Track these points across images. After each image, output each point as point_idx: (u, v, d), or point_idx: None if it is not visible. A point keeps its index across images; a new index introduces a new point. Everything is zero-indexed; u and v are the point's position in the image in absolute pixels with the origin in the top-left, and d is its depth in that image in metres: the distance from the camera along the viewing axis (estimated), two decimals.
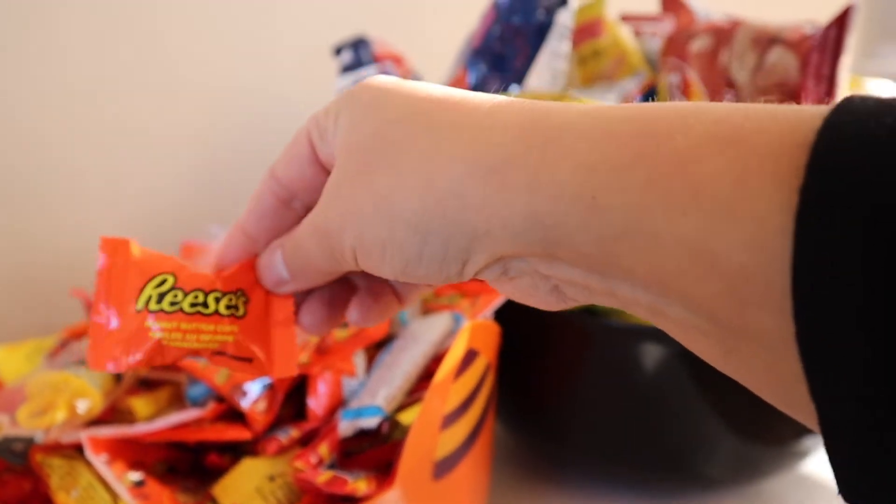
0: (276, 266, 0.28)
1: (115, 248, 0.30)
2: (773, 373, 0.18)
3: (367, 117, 0.24)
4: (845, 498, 0.16)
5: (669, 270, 0.18)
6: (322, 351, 0.43)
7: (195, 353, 0.30)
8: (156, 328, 0.29)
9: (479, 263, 0.22)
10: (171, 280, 0.29)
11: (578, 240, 0.19)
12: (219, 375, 0.42)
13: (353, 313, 0.29)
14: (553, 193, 0.19)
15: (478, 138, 0.21)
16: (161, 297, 0.29)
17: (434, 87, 0.24)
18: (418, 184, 0.22)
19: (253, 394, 0.41)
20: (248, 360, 0.30)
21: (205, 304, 0.29)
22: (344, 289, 0.29)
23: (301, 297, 0.30)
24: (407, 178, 0.22)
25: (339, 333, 0.43)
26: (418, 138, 0.22)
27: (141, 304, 0.29)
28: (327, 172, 0.27)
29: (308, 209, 0.28)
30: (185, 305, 0.29)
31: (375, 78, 0.25)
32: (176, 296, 0.29)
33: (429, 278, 0.23)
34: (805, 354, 0.16)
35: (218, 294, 0.29)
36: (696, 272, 0.18)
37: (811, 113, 0.17)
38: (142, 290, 0.29)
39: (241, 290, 0.30)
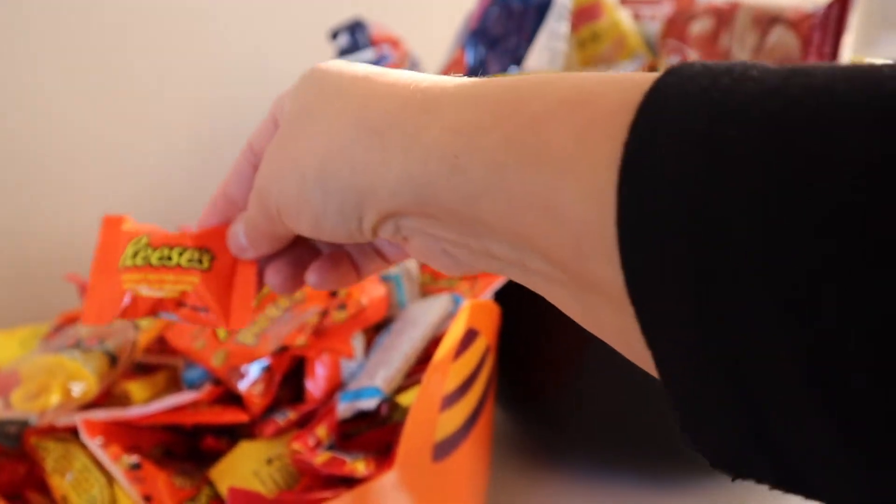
0: (237, 237, 0.31)
1: (111, 223, 0.34)
2: (618, 324, 0.19)
3: (304, 94, 0.27)
4: (682, 432, 0.18)
5: (527, 224, 0.20)
6: (319, 333, 0.42)
7: (160, 303, 0.32)
8: (127, 280, 0.32)
9: (371, 220, 0.24)
10: (144, 239, 0.33)
11: (445, 198, 0.21)
12: (216, 357, 0.41)
13: (310, 276, 0.31)
14: (422, 155, 0.22)
15: (370, 106, 0.24)
16: (135, 254, 0.32)
17: (368, 68, 0.26)
18: (320, 146, 0.25)
19: (250, 376, 0.41)
20: (206, 309, 0.32)
21: (169, 258, 0.32)
22: (309, 253, 0.31)
23: (267, 261, 0.32)
24: (313, 140, 0.25)
25: (336, 315, 0.42)
26: (329, 107, 0.25)
27: (121, 263, 0.32)
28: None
29: None
30: (153, 259, 0.32)
31: (326, 63, 0.28)
32: (146, 251, 0.32)
33: (336, 235, 0.26)
34: (636, 304, 0.17)
35: (181, 249, 0.32)
36: (546, 225, 0.19)
37: (649, 77, 0.18)
38: (123, 252, 0.32)
39: (207, 248, 0.32)
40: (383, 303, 0.43)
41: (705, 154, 0.16)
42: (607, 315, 0.19)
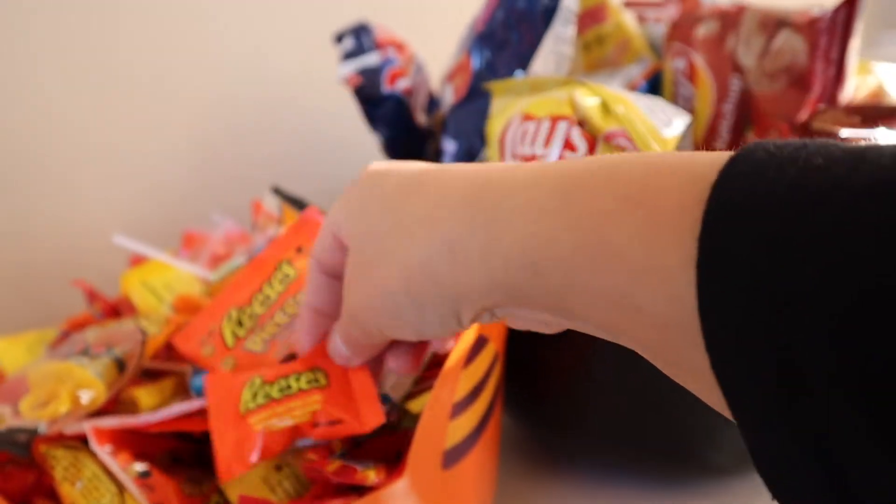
0: (339, 349, 0.34)
1: (215, 382, 0.38)
2: (707, 394, 0.20)
3: (366, 212, 0.29)
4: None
5: (612, 317, 0.21)
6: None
7: (296, 430, 0.35)
8: (256, 421, 0.35)
9: (469, 317, 0.26)
10: (258, 380, 0.37)
11: (533, 295, 0.23)
12: (224, 364, 0.41)
13: (390, 362, 0.35)
14: (502, 264, 0.23)
15: (437, 219, 0.25)
16: (254, 395, 0.36)
17: (420, 172, 0.28)
18: (400, 271, 0.27)
19: None
20: (340, 421, 0.35)
21: (288, 387, 0.36)
22: None
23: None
24: (392, 267, 0.27)
25: None
26: (392, 233, 0.27)
27: (243, 409, 0.36)
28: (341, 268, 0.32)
29: None
30: (274, 393, 0.36)
31: (378, 168, 0.30)
32: (265, 389, 0.36)
33: (438, 335, 0.29)
34: (724, 388, 0.18)
35: (297, 375, 0.36)
36: (630, 320, 0.21)
37: (708, 164, 0.19)
38: (240, 399, 0.36)
39: (317, 367, 0.36)
40: None
41: (776, 259, 0.17)
42: (696, 387, 0.21)
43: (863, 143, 0.18)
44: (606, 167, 0.22)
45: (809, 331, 0.16)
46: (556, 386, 0.51)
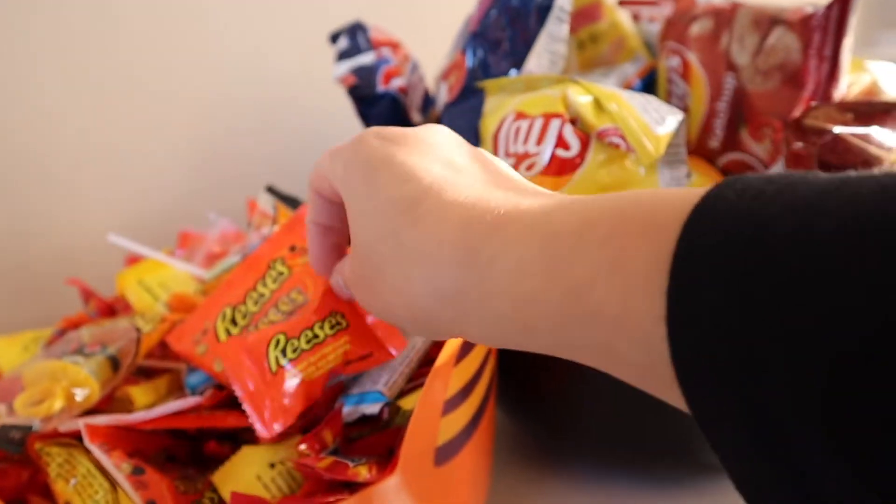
0: (341, 289, 0.37)
1: (229, 353, 0.39)
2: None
3: (359, 216, 0.29)
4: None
5: (598, 364, 0.24)
6: None
7: (333, 372, 0.38)
8: (295, 373, 0.37)
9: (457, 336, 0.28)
10: (282, 337, 0.38)
11: (526, 345, 0.25)
12: (217, 363, 0.41)
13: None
14: (494, 321, 0.25)
15: (432, 267, 0.26)
16: (283, 351, 0.38)
17: (399, 181, 0.28)
18: (405, 303, 0.28)
19: None
20: (370, 354, 0.38)
21: (315, 336, 0.38)
22: None
23: None
24: (396, 296, 0.28)
25: None
26: (392, 261, 0.28)
27: (273, 366, 0.37)
28: (339, 198, 0.33)
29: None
30: (304, 345, 0.38)
31: (359, 157, 0.30)
32: (294, 343, 0.38)
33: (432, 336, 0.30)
34: (700, 424, 0.20)
35: (320, 322, 0.38)
36: (613, 365, 0.23)
37: (672, 214, 0.20)
38: (266, 357, 0.38)
39: (333, 311, 0.38)
40: None
41: (744, 317, 0.18)
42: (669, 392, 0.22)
43: (836, 175, 0.19)
44: (585, 224, 0.23)
45: (785, 397, 0.17)
46: (551, 383, 0.52)
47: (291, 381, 0.37)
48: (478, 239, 0.25)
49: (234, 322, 0.43)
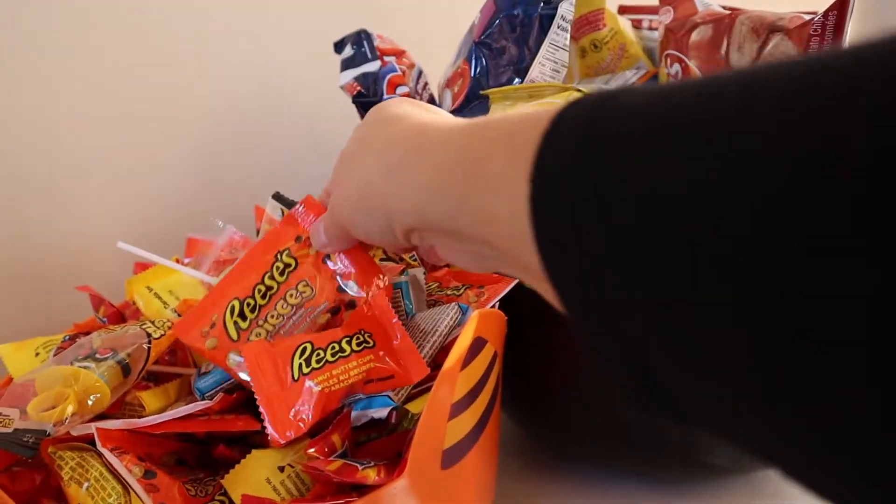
0: (320, 236, 0.41)
1: (252, 349, 0.40)
2: (553, 300, 0.24)
3: (357, 130, 0.37)
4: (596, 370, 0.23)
5: (486, 232, 0.27)
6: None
7: (352, 389, 0.39)
8: (314, 384, 0.39)
9: (400, 233, 0.32)
10: (308, 345, 0.39)
11: (436, 219, 0.29)
12: (230, 360, 0.42)
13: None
14: (421, 188, 0.30)
15: (388, 150, 0.32)
16: (307, 361, 0.39)
17: (403, 111, 0.35)
18: (359, 179, 0.34)
19: None
20: (391, 377, 0.39)
21: (342, 350, 0.39)
22: None
23: None
24: (355, 174, 0.34)
25: (347, 316, 0.43)
26: (360, 151, 0.35)
27: (296, 374, 0.39)
28: None
29: None
30: (329, 357, 0.39)
31: (386, 102, 0.37)
32: (318, 353, 0.39)
33: (384, 244, 0.36)
34: (551, 281, 0.23)
35: (348, 338, 0.40)
36: (493, 234, 0.26)
37: (550, 115, 0.24)
38: (291, 364, 0.39)
39: (362, 329, 0.40)
40: (387, 292, 0.44)
41: (574, 172, 0.21)
42: (541, 288, 0.26)
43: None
44: (487, 121, 0.29)
45: (611, 255, 0.20)
46: (555, 387, 0.52)
47: (311, 392, 0.39)
48: (424, 138, 0.31)
49: (242, 316, 0.43)
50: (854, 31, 0.52)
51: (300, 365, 0.39)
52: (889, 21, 1.45)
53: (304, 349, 0.39)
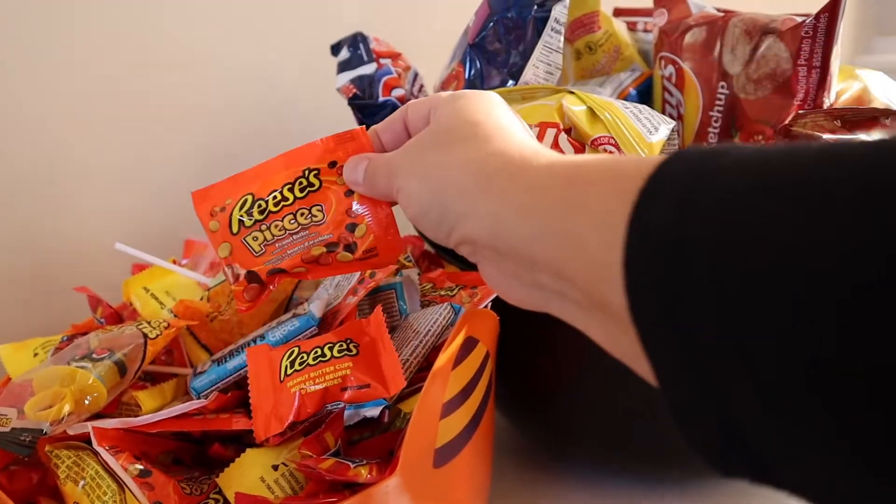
0: (357, 172, 0.39)
1: (255, 353, 0.42)
2: (627, 343, 0.24)
3: (459, 113, 0.35)
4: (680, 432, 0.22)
5: (565, 259, 0.26)
6: (322, 265, 0.42)
7: (326, 393, 0.40)
8: (294, 385, 0.40)
9: (457, 238, 0.32)
10: (296, 350, 0.41)
11: (512, 236, 0.28)
12: (222, 249, 0.41)
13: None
14: (506, 203, 0.29)
15: (486, 159, 0.31)
16: (292, 363, 0.40)
17: (502, 122, 0.34)
18: (449, 168, 0.32)
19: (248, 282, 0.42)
20: (367, 385, 0.39)
21: (323, 355, 0.40)
22: None
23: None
24: (446, 162, 0.33)
25: (343, 255, 0.41)
26: (465, 141, 0.33)
27: (282, 375, 0.40)
28: (409, 135, 0.39)
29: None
30: (310, 360, 0.40)
31: (488, 94, 0.36)
32: (302, 357, 0.40)
33: (427, 232, 0.34)
34: (637, 324, 0.22)
35: (330, 343, 0.41)
36: (577, 258, 0.25)
37: (646, 164, 0.24)
38: (280, 368, 0.40)
39: (349, 338, 0.41)
40: (396, 247, 0.42)
41: (682, 222, 0.21)
42: (620, 336, 0.24)
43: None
44: (595, 158, 0.28)
45: (697, 283, 0.20)
46: (549, 386, 0.52)
47: (289, 392, 0.40)
48: (522, 146, 0.31)
49: (249, 214, 0.42)
50: (846, 33, 0.52)
51: (285, 367, 0.40)
52: (886, 23, 1.46)
53: (293, 352, 0.40)
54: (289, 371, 0.40)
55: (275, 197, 0.42)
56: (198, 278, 0.53)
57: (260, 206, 0.42)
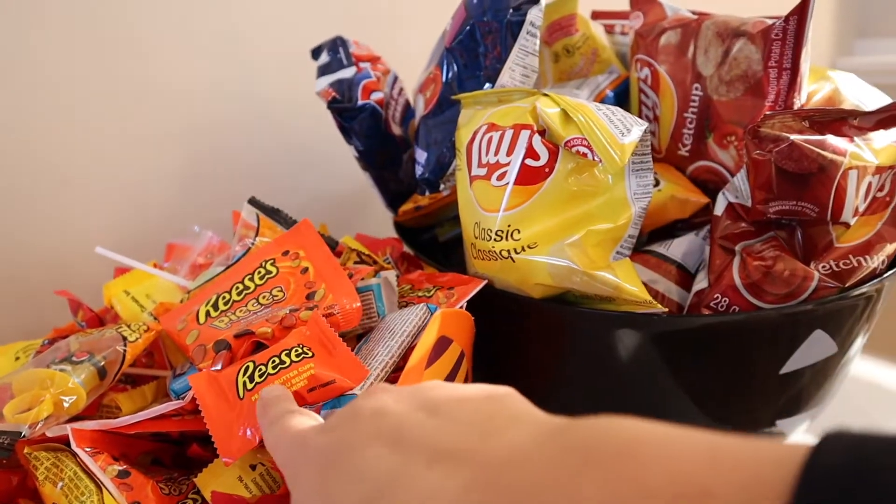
0: (265, 415, 0.34)
1: (200, 380, 0.41)
2: None
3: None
4: None
5: None
6: (286, 327, 0.44)
7: (297, 398, 0.39)
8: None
9: None
10: (251, 364, 0.40)
11: None
12: (189, 336, 0.44)
13: None
14: None
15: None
16: (251, 377, 0.40)
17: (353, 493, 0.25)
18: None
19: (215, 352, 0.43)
20: (332, 381, 0.40)
21: (283, 362, 0.40)
22: None
23: None
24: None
25: (304, 314, 0.44)
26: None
27: (241, 392, 0.40)
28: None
29: None
30: (270, 370, 0.40)
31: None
32: (261, 369, 0.40)
33: None
34: None
35: (287, 350, 0.41)
36: None
37: (798, 459, 0.18)
38: (236, 384, 0.40)
39: (300, 344, 0.41)
40: (356, 315, 0.45)
41: None
42: None
43: None
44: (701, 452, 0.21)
45: None
46: (525, 383, 0.53)
47: (255, 404, 0.39)
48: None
49: (215, 307, 0.47)
50: (826, 36, 0.53)
51: (244, 383, 0.40)
52: (865, 25, 1.47)
53: (247, 368, 0.40)
54: (249, 386, 0.39)
55: (237, 287, 0.47)
56: (178, 281, 0.54)
57: (224, 298, 0.47)
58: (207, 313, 0.46)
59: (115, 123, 0.69)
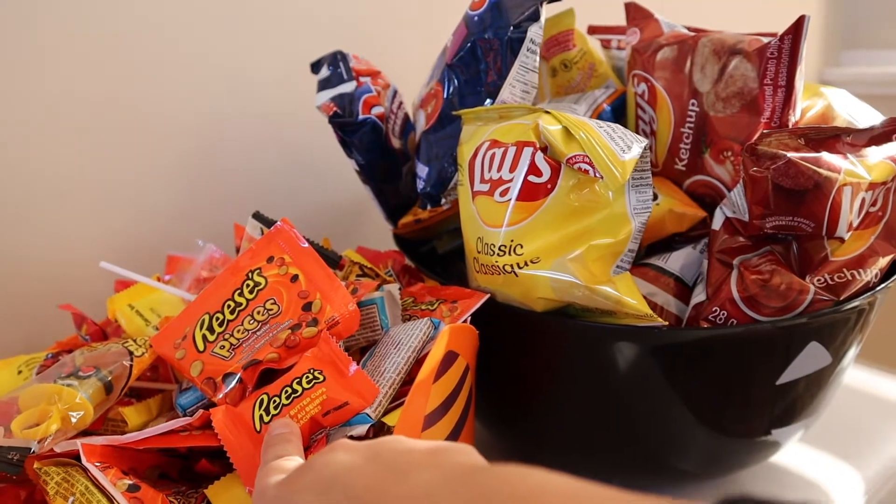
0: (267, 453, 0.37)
1: (219, 414, 0.41)
2: None
3: None
4: None
5: None
6: (290, 347, 0.44)
7: (314, 424, 0.41)
8: None
9: None
10: (265, 396, 0.41)
11: None
12: (193, 368, 0.44)
13: None
14: None
15: None
16: (267, 410, 0.41)
17: None
18: None
19: (225, 388, 0.43)
20: (346, 404, 0.40)
21: (295, 391, 0.41)
22: None
23: None
24: None
25: (307, 331, 0.44)
26: None
27: (258, 426, 0.41)
28: None
29: None
30: (284, 400, 0.41)
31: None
32: (276, 400, 0.41)
33: None
34: None
35: (298, 378, 0.41)
36: None
37: None
38: (253, 419, 0.41)
39: (311, 368, 0.42)
40: (355, 318, 0.45)
41: None
42: None
43: None
44: None
45: None
46: (526, 396, 0.54)
47: None
48: None
49: (210, 330, 0.46)
50: (813, 46, 0.54)
51: (260, 416, 0.41)
52: (852, 36, 1.49)
53: (262, 401, 0.41)
54: (265, 419, 0.40)
55: (228, 305, 0.46)
56: (182, 295, 0.54)
57: (218, 318, 0.46)
58: (204, 338, 0.45)
59: (117, 135, 0.69)
